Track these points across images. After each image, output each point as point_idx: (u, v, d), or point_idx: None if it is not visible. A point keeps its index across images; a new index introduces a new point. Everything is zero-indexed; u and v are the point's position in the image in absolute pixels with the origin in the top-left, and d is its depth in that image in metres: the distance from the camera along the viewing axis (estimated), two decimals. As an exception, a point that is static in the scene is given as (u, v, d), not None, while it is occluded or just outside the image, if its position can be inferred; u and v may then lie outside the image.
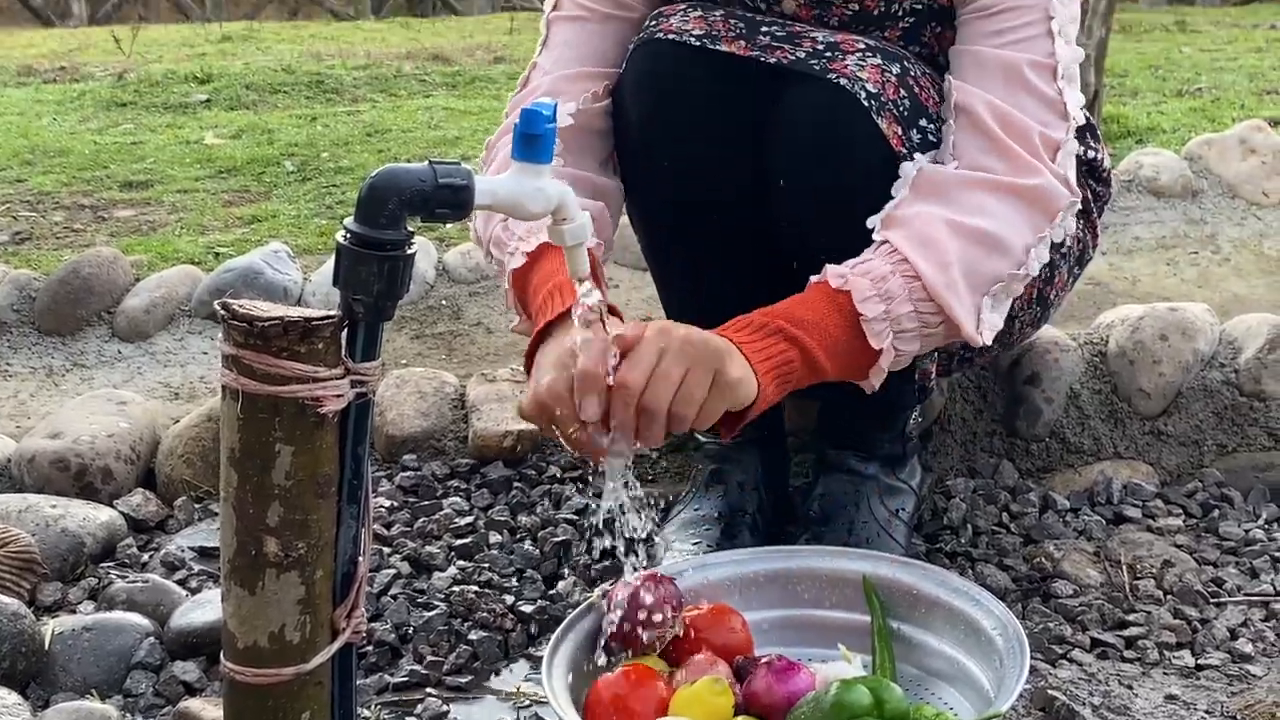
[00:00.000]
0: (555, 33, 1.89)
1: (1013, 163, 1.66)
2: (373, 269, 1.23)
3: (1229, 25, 8.37)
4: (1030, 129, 1.66)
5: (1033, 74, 1.68)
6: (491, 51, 7.24)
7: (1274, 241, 3.20)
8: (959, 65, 1.72)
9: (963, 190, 1.64)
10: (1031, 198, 1.66)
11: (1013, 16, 1.69)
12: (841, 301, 1.58)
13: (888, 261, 1.60)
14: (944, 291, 1.60)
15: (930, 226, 1.62)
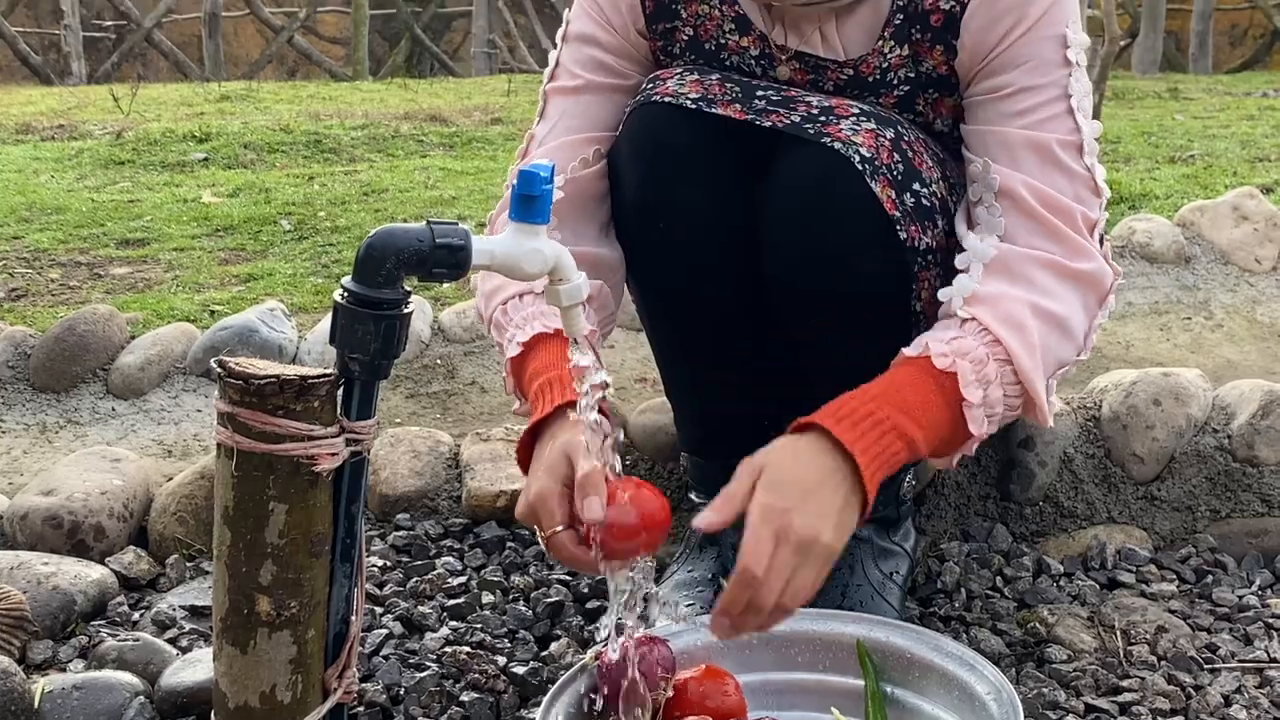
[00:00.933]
0: (552, 104, 1.91)
1: (1066, 245, 1.67)
2: (369, 328, 1.24)
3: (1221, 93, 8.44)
4: (1073, 210, 1.68)
5: (1062, 153, 1.69)
6: (489, 113, 7.28)
7: (1266, 308, 3.21)
8: (984, 146, 1.73)
9: (1036, 271, 1.66)
10: (1088, 281, 1.68)
11: (1031, 95, 1.70)
12: (946, 385, 1.59)
13: (982, 343, 1.61)
14: (1031, 374, 1.62)
15: (1016, 308, 1.63)
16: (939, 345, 1.61)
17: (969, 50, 1.73)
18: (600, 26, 1.90)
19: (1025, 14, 1.69)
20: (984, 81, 1.73)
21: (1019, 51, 1.70)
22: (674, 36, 1.88)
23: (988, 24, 1.70)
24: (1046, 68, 1.70)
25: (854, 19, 1.78)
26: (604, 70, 1.90)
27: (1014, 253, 1.67)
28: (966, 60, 1.74)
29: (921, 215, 1.72)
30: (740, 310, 1.86)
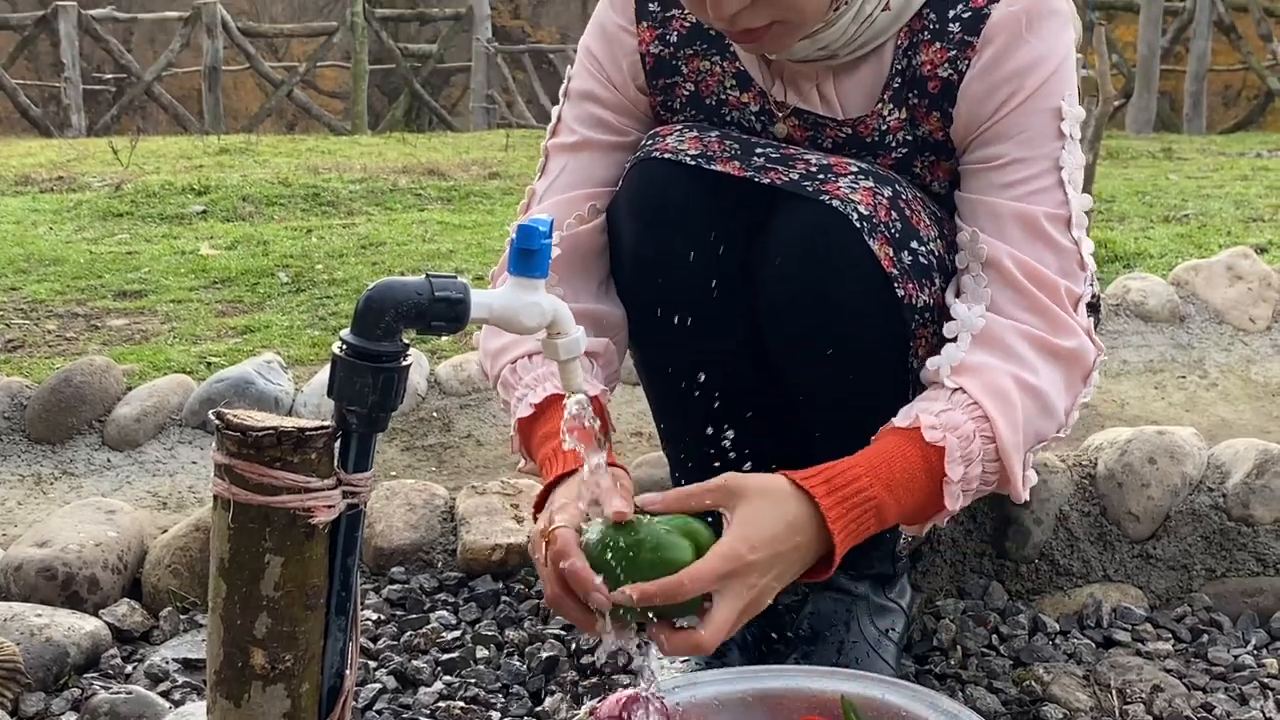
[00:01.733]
0: (553, 160, 1.92)
1: (1050, 320, 1.67)
2: (367, 380, 1.24)
3: (1215, 153, 8.49)
4: (1057, 284, 1.68)
5: (1050, 226, 1.70)
6: (487, 167, 7.32)
7: (1260, 367, 3.22)
8: (974, 215, 1.74)
9: (1020, 345, 1.66)
10: (1070, 358, 1.68)
11: (1023, 168, 1.71)
12: (932, 460, 1.59)
13: (970, 417, 1.61)
14: (1012, 452, 1.62)
15: (1002, 381, 1.63)
16: (929, 418, 1.61)
17: (964, 119, 1.74)
18: (600, 83, 1.91)
19: (1021, 86, 1.70)
20: (978, 150, 1.74)
21: (1013, 122, 1.71)
22: (674, 92, 1.89)
23: (983, 94, 1.72)
24: (1040, 140, 1.71)
25: (853, 79, 1.80)
26: (604, 127, 1.91)
27: (1001, 324, 1.67)
28: (961, 128, 1.75)
29: (919, 273, 1.73)
30: (738, 365, 1.86)
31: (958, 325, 1.69)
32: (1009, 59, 1.70)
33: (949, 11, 1.73)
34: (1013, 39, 1.70)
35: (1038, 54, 1.70)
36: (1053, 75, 1.71)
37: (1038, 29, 1.71)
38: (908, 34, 1.76)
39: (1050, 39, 1.71)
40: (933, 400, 1.64)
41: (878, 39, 1.75)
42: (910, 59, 1.76)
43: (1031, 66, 1.70)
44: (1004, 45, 1.70)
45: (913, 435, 1.60)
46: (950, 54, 1.73)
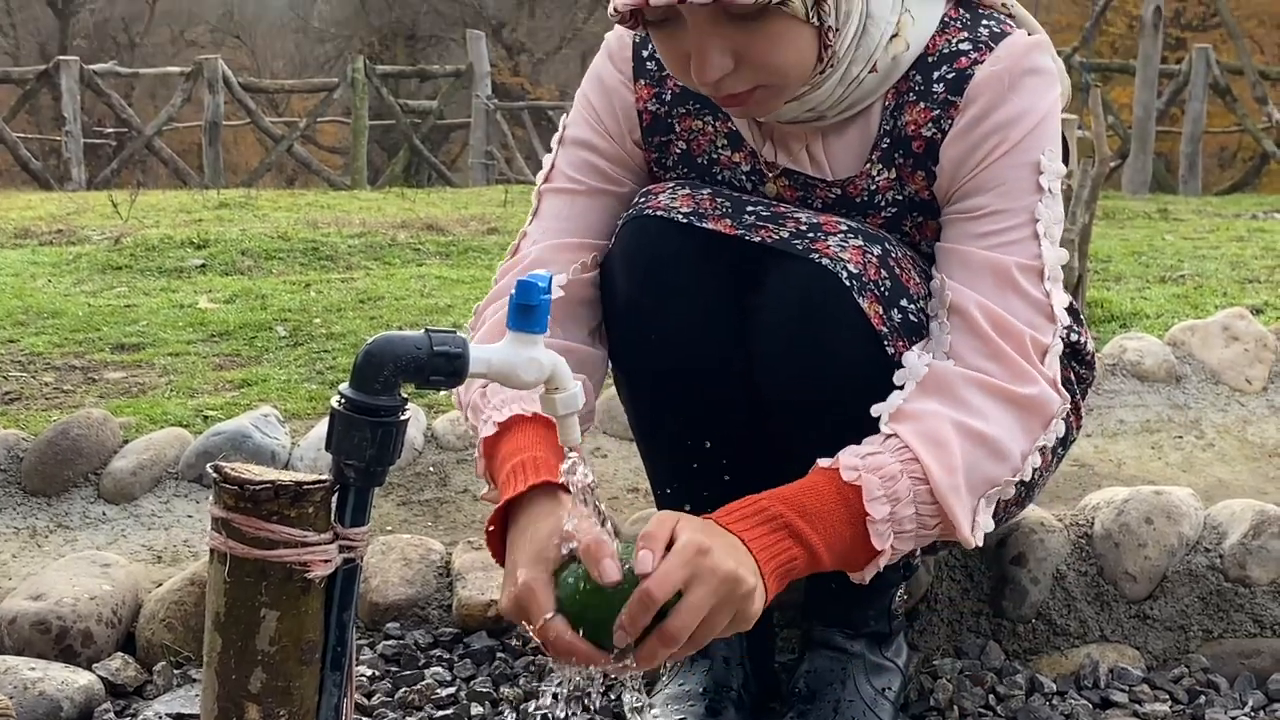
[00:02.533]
0: (546, 204, 1.93)
1: (1009, 368, 1.67)
2: (365, 434, 1.25)
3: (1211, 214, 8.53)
4: (1023, 333, 1.68)
5: (1021, 276, 1.70)
6: (485, 222, 7.34)
7: (1257, 428, 3.22)
8: (947, 264, 1.74)
9: (968, 391, 1.66)
10: (1029, 406, 1.68)
11: (1000, 219, 1.72)
12: (850, 497, 1.59)
13: (898, 459, 1.61)
14: (949, 495, 1.61)
15: (940, 426, 1.63)
16: (850, 459, 1.61)
17: (946, 174, 1.75)
18: (598, 133, 1.92)
19: (1002, 139, 1.71)
20: (958, 202, 1.75)
21: (992, 175, 1.72)
22: (668, 149, 1.91)
23: (965, 151, 1.73)
24: (1017, 192, 1.72)
25: (842, 140, 1.81)
26: (599, 175, 1.92)
27: (949, 372, 1.67)
28: (944, 184, 1.76)
29: (909, 331, 1.73)
30: (731, 422, 1.86)
31: (905, 373, 1.69)
32: (990, 116, 1.72)
33: (934, 73, 1.75)
34: (995, 97, 1.72)
35: (1018, 110, 1.72)
36: (1033, 130, 1.72)
37: (1020, 87, 1.72)
38: (894, 95, 1.77)
39: (1032, 96, 1.73)
40: (865, 444, 1.64)
41: (865, 100, 1.76)
42: (896, 120, 1.77)
43: (1012, 121, 1.71)
44: (986, 104, 1.72)
45: (829, 474, 1.61)
46: (934, 114, 1.75)
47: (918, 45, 1.75)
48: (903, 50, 1.73)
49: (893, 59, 1.73)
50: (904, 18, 1.74)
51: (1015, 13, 1.82)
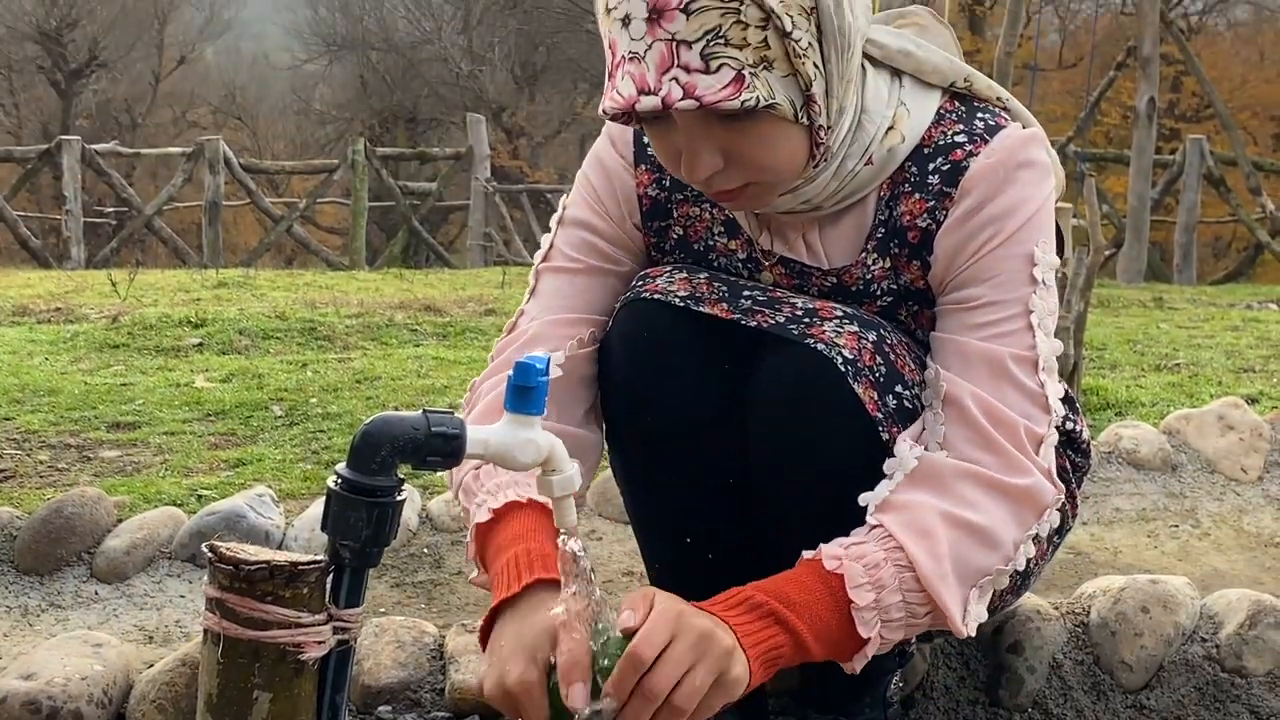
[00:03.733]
0: (544, 282, 1.94)
1: (1003, 459, 1.68)
2: (361, 515, 1.25)
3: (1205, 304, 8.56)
4: (1017, 424, 1.69)
5: (1016, 368, 1.71)
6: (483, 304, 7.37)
7: (1253, 517, 3.22)
8: (942, 354, 1.75)
9: (958, 482, 1.66)
10: (1022, 496, 1.68)
11: (994, 310, 1.73)
12: (834, 585, 1.59)
13: (882, 548, 1.61)
14: (936, 582, 1.61)
15: (926, 516, 1.63)
16: (834, 548, 1.62)
17: (941, 264, 1.76)
18: (597, 214, 1.93)
19: (996, 231, 1.72)
20: (952, 292, 1.76)
21: (986, 266, 1.73)
22: (666, 234, 1.92)
23: (960, 241, 1.74)
24: (1012, 284, 1.73)
25: (838, 229, 1.82)
26: (598, 255, 1.93)
27: (938, 463, 1.68)
28: (939, 273, 1.77)
29: (904, 417, 1.74)
30: (725, 505, 1.86)
31: (895, 463, 1.70)
32: (984, 208, 1.73)
33: (929, 165, 1.76)
34: (989, 189, 1.73)
35: (1012, 201, 1.73)
36: (1027, 222, 1.73)
37: (1014, 179, 1.73)
38: (890, 186, 1.78)
39: (1026, 188, 1.74)
40: (851, 535, 1.65)
41: (861, 192, 1.78)
42: (892, 210, 1.78)
43: (1006, 214, 1.73)
44: (981, 195, 1.73)
45: (813, 564, 1.61)
46: (929, 205, 1.76)
47: (913, 137, 1.76)
48: (898, 143, 1.75)
49: (888, 151, 1.75)
50: (899, 111, 1.76)
51: (1010, 106, 1.84)
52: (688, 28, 1.52)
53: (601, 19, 1.61)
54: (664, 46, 1.53)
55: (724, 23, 1.52)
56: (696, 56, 1.53)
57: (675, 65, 1.53)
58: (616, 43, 1.57)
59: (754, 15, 1.53)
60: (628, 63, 1.56)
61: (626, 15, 1.55)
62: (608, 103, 1.59)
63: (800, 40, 1.56)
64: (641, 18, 1.53)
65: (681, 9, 1.52)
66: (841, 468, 1.72)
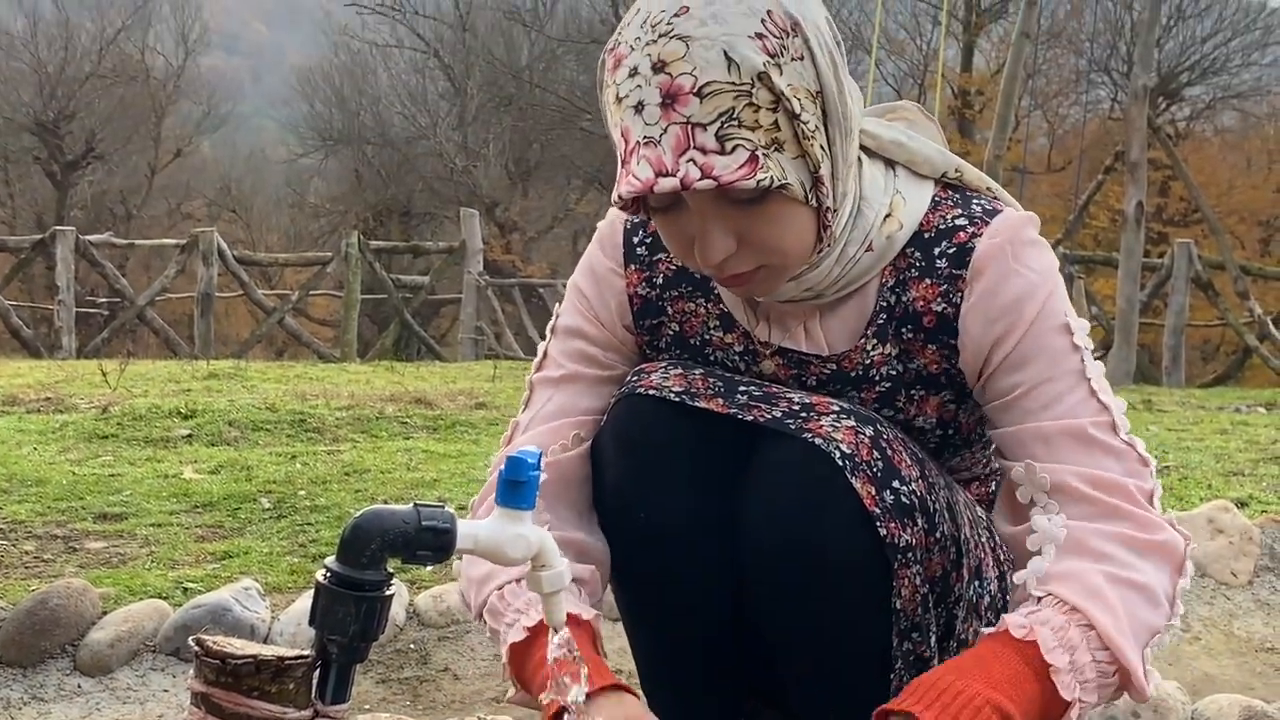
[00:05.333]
0: (538, 393, 1.95)
1: (1133, 521, 1.69)
2: (350, 609, 1.24)
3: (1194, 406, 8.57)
4: (1127, 485, 1.70)
5: (1099, 434, 1.72)
6: (473, 397, 7.36)
7: (1243, 622, 3.21)
8: (1022, 446, 1.75)
9: (1110, 546, 1.67)
10: (1163, 551, 1.69)
11: (1053, 387, 1.73)
12: (1029, 654, 1.59)
13: (1059, 612, 1.62)
14: (1118, 638, 1.61)
15: (1093, 579, 1.64)
16: (1016, 619, 1.62)
17: (970, 350, 1.77)
18: (588, 320, 1.95)
19: (1023, 314, 1.74)
20: (1000, 382, 1.77)
21: (1028, 348, 1.74)
22: (659, 332, 1.93)
23: (986, 323, 1.75)
24: (1059, 357, 1.74)
25: (838, 317, 1.83)
26: (590, 361, 1.94)
27: (1085, 530, 1.68)
28: (970, 359, 1.78)
29: (901, 512, 1.74)
30: (720, 604, 1.85)
31: (1040, 538, 1.70)
32: (1004, 289, 1.74)
33: (934, 249, 1.78)
34: (1002, 269, 1.74)
35: (1030, 281, 1.74)
36: (1050, 296, 1.75)
37: (1023, 257, 1.75)
38: (893, 272, 1.80)
39: (1037, 264, 1.76)
40: (1021, 608, 1.66)
41: (862, 279, 1.79)
42: (899, 295, 1.80)
43: (1028, 293, 1.74)
44: (995, 276, 1.74)
45: (1001, 636, 1.62)
46: (942, 289, 1.77)
47: (911, 224, 1.78)
48: (896, 230, 1.77)
49: (887, 239, 1.76)
50: (895, 199, 1.78)
51: (999, 195, 1.87)
52: (702, 110, 1.54)
53: (611, 109, 1.62)
54: (679, 130, 1.55)
55: (737, 105, 1.54)
56: (712, 138, 1.54)
57: (691, 147, 1.55)
58: (630, 130, 1.59)
59: (765, 98, 1.55)
60: (643, 147, 1.57)
61: (640, 102, 1.56)
62: (624, 188, 1.60)
63: (808, 122, 1.59)
64: (655, 103, 1.55)
65: (695, 92, 1.54)
66: (839, 563, 1.72)
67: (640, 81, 1.56)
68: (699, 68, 1.54)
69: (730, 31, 1.55)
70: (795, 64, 1.58)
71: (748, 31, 1.56)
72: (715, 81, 1.54)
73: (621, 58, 1.60)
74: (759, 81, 1.55)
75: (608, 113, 1.64)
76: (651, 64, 1.56)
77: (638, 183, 1.57)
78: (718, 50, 1.54)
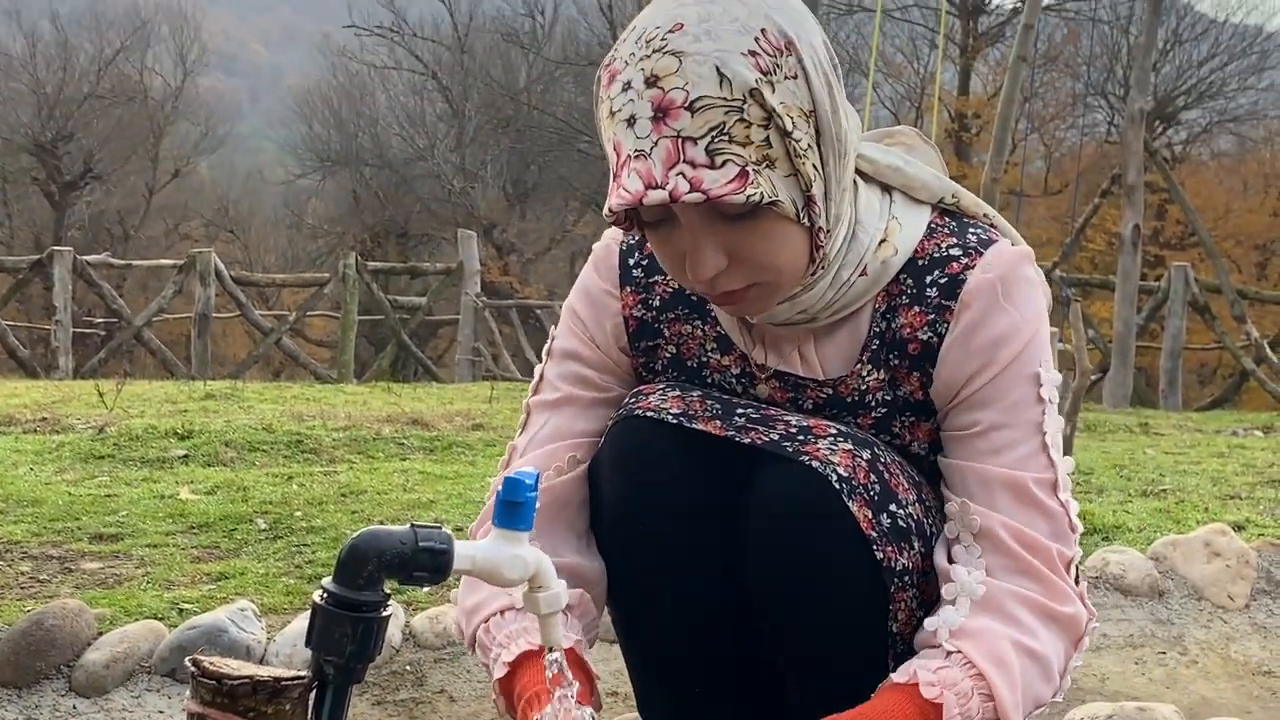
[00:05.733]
0: (534, 416, 1.95)
1: (1046, 585, 1.70)
2: (346, 629, 1.24)
3: (1192, 430, 8.58)
4: (1050, 549, 1.71)
5: (1038, 491, 1.73)
6: (470, 419, 7.36)
7: (1240, 645, 3.21)
8: (962, 482, 1.76)
9: (1019, 609, 1.69)
10: (1069, 624, 1.71)
11: (1007, 434, 1.74)
12: (929, 715, 1.61)
13: (967, 675, 1.63)
14: (1012, 712, 1.63)
15: (1001, 645, 1.65)
16: (927, 674, 1.63)
17: (943, 380, 1.78)
18: (583, 343, 1.95)
19: (1000, 353, 1.74)
20: (961, 416, 1.77)
21: (995, 390, 1.75)
22: (656, 354, 1.93)
23: (962, 358, 1.75)
24: (1022, 406, 1.75)
25: (832, 341, 1.83)
26: (585, 384, 1.94)
27: (1001, 589, 1.69)
28: (941, 389, 1.78)
29: (898, 536, 1.74)
30: (717, 625, 1.85)
31: (956, 588, 1.71)
32: (987, 326, 1.74)
33: (926, 277, 1.78)
34: (990, 305, 1.75)
35: (1014, 322, 1.75)
36: (1030, 343, 1.75)
37: (1013, 296, 1.75)
38: (885, 298, 1.80)
39: (1025, 306, 1.76)
40: (930, 659, 1.66)
41: (856, 303, 1.79)
42: (889, 322, 1.80)
43: (1009, 335, 1.74)
44: (981, 311, 1.75)
45: (909, 690, 1.62)
46: (929, 318, 1.77)
47: (906, 250, 1.78)
48: (891, 255, 1.77)
49: (882, 263, 1.77)
50: (891, 224, 1.78)
51: (996, 222, 1.87)
52: (693, 125, 1.54)
53: (604, 123, 1.63)
54: (670, 143, 1.55)
55: (728, 120, 1.55)
56: (702, 152, 1.55)
57: (681, 160, 1.55)
58: (621, 143, 1.59)
59: (756, 114, 1.56)
60: (634, 160, 1.57)
61: (632, 116, 1.57)
62: (614, 200, 1.60)
63: (800, 141, 1.59)
64: (647, 117, 1.56)
65: (686, 106, 1.54)
66: (834, 586, 1.72)
67: (633, 95, 1.57)
68: (691, 83, 1.54)
69: (723, 48, 1.56)
70: (788, 82, 1.58)
71: (741, 49, 1.56)
72: (707, 96, 1.54)
73: (616, 73, 1.60)
74: (751, 98, 1.55)
75: (602, 127, 1.65)
76: (644, 78, 1.56)
77: (628, 195, 1.57)
78: (710, 66, 1.55)
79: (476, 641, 1.80)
